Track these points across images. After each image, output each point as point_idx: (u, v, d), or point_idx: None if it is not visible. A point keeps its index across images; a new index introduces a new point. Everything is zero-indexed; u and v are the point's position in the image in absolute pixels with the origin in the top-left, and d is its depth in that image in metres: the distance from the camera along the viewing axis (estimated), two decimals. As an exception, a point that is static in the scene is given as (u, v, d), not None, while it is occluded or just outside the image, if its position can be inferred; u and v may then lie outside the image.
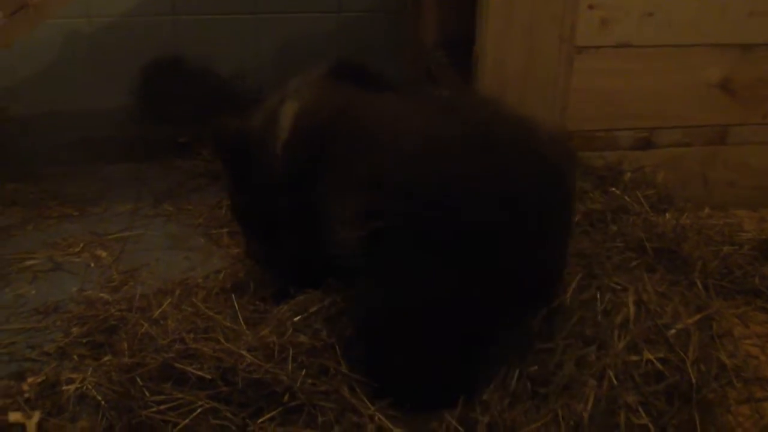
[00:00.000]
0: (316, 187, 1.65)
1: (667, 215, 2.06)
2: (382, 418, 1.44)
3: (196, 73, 3.14)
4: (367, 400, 1.47)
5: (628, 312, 1.60)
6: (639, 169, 2.23)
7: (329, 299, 1.65)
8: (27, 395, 1.62)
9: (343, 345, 1.55)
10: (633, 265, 1.84)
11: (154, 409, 1.43)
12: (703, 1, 2.22)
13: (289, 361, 1.47)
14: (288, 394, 1.42)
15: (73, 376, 1.66)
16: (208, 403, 1.42)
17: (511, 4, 2.15)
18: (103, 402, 1.55)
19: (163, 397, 1.44)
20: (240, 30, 3.30)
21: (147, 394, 1.45)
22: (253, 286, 1.90)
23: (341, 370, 1.50)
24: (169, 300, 1.75)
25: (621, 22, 2.21)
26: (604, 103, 2.26)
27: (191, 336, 1.53)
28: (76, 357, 1.74)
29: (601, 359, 1.50)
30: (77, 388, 1.62)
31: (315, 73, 1.88)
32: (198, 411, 1.41)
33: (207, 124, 2.02)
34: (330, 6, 3.34)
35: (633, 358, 1.51)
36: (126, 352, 1.59)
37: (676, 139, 2.38)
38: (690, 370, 1.50)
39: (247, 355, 1.46)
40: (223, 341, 1.50)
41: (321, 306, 1.64)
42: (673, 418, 1.46)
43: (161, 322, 1.64)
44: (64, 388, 1.63)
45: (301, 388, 1.43)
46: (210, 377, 1.44)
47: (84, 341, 1.79)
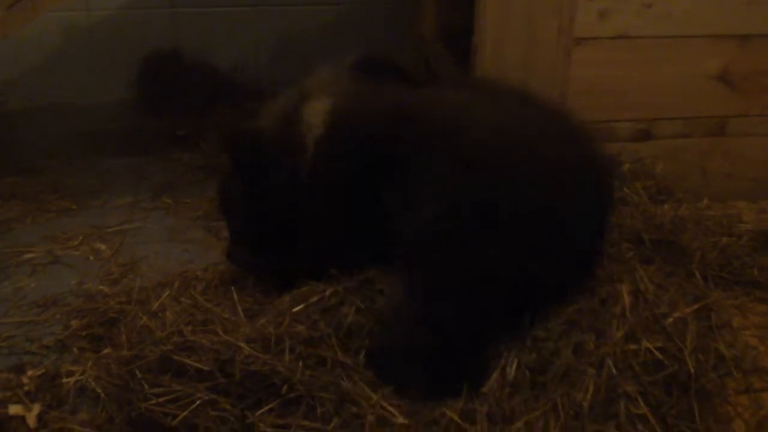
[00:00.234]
0: (373, 180, 1.66)
1: (665, 206, 2.05)
2: (385, 406, 1.45)
3: (195, 65, 3.14)
4: (369, 390, 1.47)
5: (624, 302, 1.60)
6: (638, 161, 2.23)
7: (331, 289, 1.65)
8: (27, 388, 1.62)
9: (343, 335, 1.56)
10: (630, 255, 1.83)
11: (153, 401, 1.43)
12: (702, -9, 2.22)
13: (286, 352, 1.47)
14: (286, 386, 1.42)
15: (73, 368, 1.67)
16: (207, 395, 1.42)
17: (510, -5, 2.15)
18: (102, 394, 1.56)
19: (162, 389, 1.44)
20: (238, 22, 3.29)
21: (146, 386, 1.45)
22: (252, 277, 1.90)
23: (340, 360, 1.50)
24: (167, 292, 1.75)
25: (619, 13, 2.21)
26: (602, 94, 2.26)
27: (189, 328, 1.53)
28: (75, 350, 1.75)
29: (599, 348, 1.50)
30: (77, 381, 1.63)
31: (336, 69, 1.87)
32: (197, 403, 1.41)
33: (212, 121, 2.01)
34: (328, -3, 3.34)
35: (631, 347, 1.51)
36: (125, 345, 1.59)
37: (675, 130, 2.37)
38: (688, 359, 1.50)
39: (245, 347, 1.46)
40: (221, 333, 1.50)
41: (321, 296, 1.63)
42: (672, 408, 1.46)
43: (160, 315, 1.64)
44: (64, 380, 1.63)
45: (300, 379, 1.43)
46: (208, 369, 1.44)
47: (83, 334, 1.79)
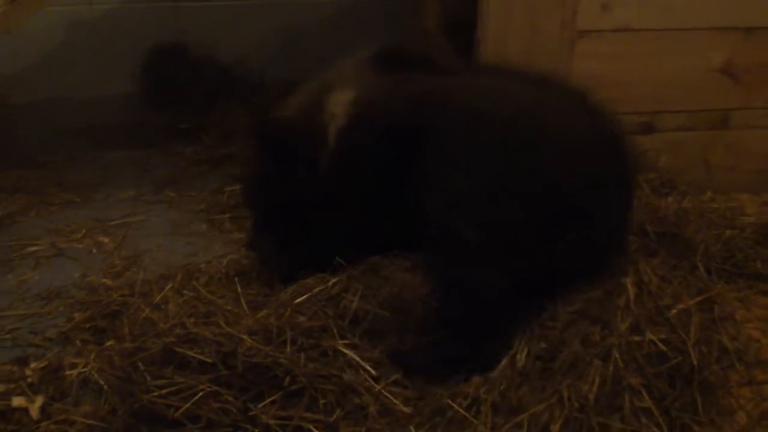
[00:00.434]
0: (394, 169, 1.69)
1: (669, 199, 2.05)
2: (388, 396, 1.45)
3: (198, 59, 3.13)
4: (371, 380, 1.47)
5: (629, 294, 1.60)
6: (641, 154, 2.22)
7: (334, 279, 1.66)
8: (30, 380, 1.63)
9: (347, 323, 1.57)
10: (634, 248, 1.83)
11: (155, 393, 1.43)
12: (705, -17, 2.22)
13: (288, 344, 1.47)
14: (289, 378, 1.43)
15: (76, 361, 1.67)
16: (209, 387, 1.42)
17: (513, -12, 2.15)
18: (105, 386, 1.56)
19: (164, 381, 1.44)
20: (241, 16, 3.29)
21: (149, 378, 1.45)
22: (255, 270, 1.90)
23: (341, 350, 1.50)
24: (170, 285, 1.75)
25: (622, 5, 2.21)
26: (605, 87, 2.22)
27: (192, 320, 1.53)
28: (78, 342, 1.76)
29: (605, 339, 1.50)
30: (80, 373, 1.64)
31: (355, 61, 1.87)
32: (199, 395, 1.41)
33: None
34: (332, -9, 3.34)
35: (635, 339, 1.51)
36: (128, 337, 1.60)
37: (678, 123, 2.37)
38: (691, 351, 1.50)
39: (247, 339, 1.46)
40: (223, 325, 1.50)
41: (325, 287, 1.64)
42: (676, 400, 1.46)
43: (162, 307, 1.64)
44: (67, 372, 1.64)
45: (303, 372, 1.43)
46: (211, 361, 1.44)
47: (86, 326, 1.80)
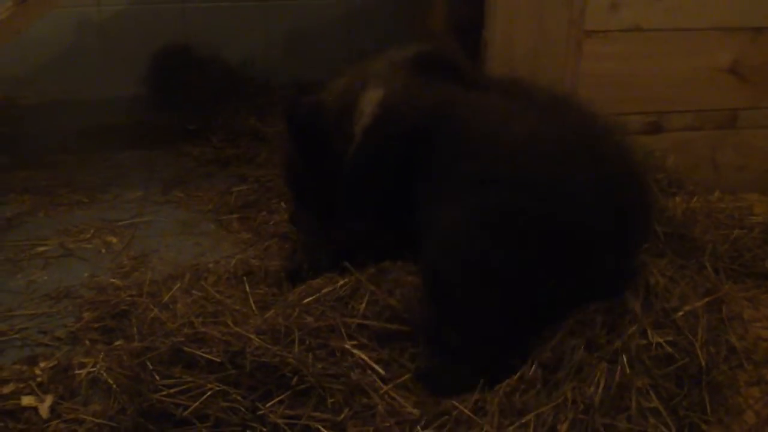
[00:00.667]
0: (404, 176, 1.69)
1: (677, 199, 2.05)
2: (396, 397, 1.45)
3: (205, 60, 3.14)
4: (380, 380, 1.48)
5: (637, 295, 1.60)
6: (649, 153, 2.22)
7: (342, 281, 1.66)
8: (39, 379, 1.64)
9: (356, 324, 1.57)
10: (644, 248, 1.83)
11: (164, 392, 1.44)
12: (713, -16, 2.21)
13: (296, 344, 1.48)
14: (297, 377, 1.43)
15: (85, 360, 1.68)
16: (218, 386, 1.42)
17: (520, -12, 2.15)
18: (114, 386, 1.57)
19: (173, 380, 1.45)
20: (248, 17, 3.30)
21: (157, 377, 1.46)
22: (264, 270, 1.91)
23: (349, 350, 1.50)
24: (178, 285, 1.76)
25: (630, 5, 2.20)
26: (613, 87, 2.25)
27: (200, 320, 1.54)
28: (87, 341, 1.76)
29: (612, 343, 1.50)
30: (89, 372, 1.64)
31: (396, 59, 1.88)
32: (207, 394, 1.42)
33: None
34: (338, -8, 3.35)
35: (642, 342, 1.51)
36: (136, 337, 1.61)
37: (685, 123, 2.37)
38: (699, 352, 1.50)
39: (255, 339, 1.46)
40: (231, 325, 1.51)
41: (334, 287, 1.64)
42: (684, 400, 1.46)
43: (171, 307, 1.65)
44: (76, 372, 1.65)
45: (311, 371, 1.44)
46: (219, 361, 1.44)
47: (95, 326, 1.81)
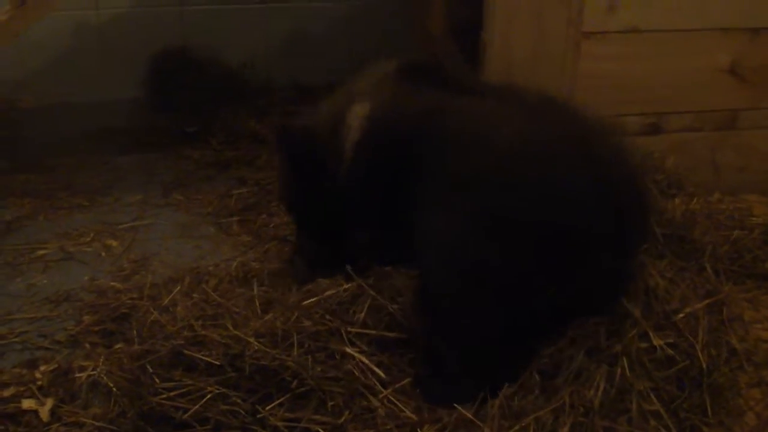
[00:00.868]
0: (398, 186, 1.66)
1: (676, 200, 2.04)
2: (395, 402, 1.45)
3: (204, 63, 3.14)
4: (379, 384, 1.47)
5: (636, 298, 1.60)
6: (648, 155, 2.22)
7: (345, 286, 1.65)
8: (40, 383, 1.64)
9: (357, 329, 1.56)
10: (641, 250, 1.83)
11: (164, 395, 1.43)
12: (712, -16, 2.22)
13: (295, 347, 1.48)
14: (296, 380, 1.43)
15: (85, 363, 1.68)
16: (218, 389, 1.42)
17: (519, -10, 2.15)
18: (114, 389, 1.57)
19: (173, 383, 1.45)
20: (248, 19, 3.30)
21: (157, 380, 1.46)
22: (265, 273, 1.91)
23: (349, 353, 1.50)
24: (178, 288, 1.75)
25: (629, 6, 2.20)
26: (612, 88, 2.25)
27: (200, 323, 1.53)
28: (87, 345, 1.76)
29: (612, 347, 1.50)
30: (89, 376, 1.64)
31: (381, 72, 1.86)
32: (207, 397, 1.41)
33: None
34: (337, -6, 3.35)
35: (642, 344, 1.50)
36: (136, 340, 1.60)
37: (685, 124, 2.37)
38: (700, 354, 1.49)
39: (254, 342, 1.46)
40: (231, 328, 1.50)
41: (336, 291, 1.64)
42: (684, 402, 1.46)
43: (171, 310, 1.64)
44: (77, 375, 1.65)
45: (310, 374, 1.44)
46: (219, 363, 1.44)
47: (95, 329, 1.81)
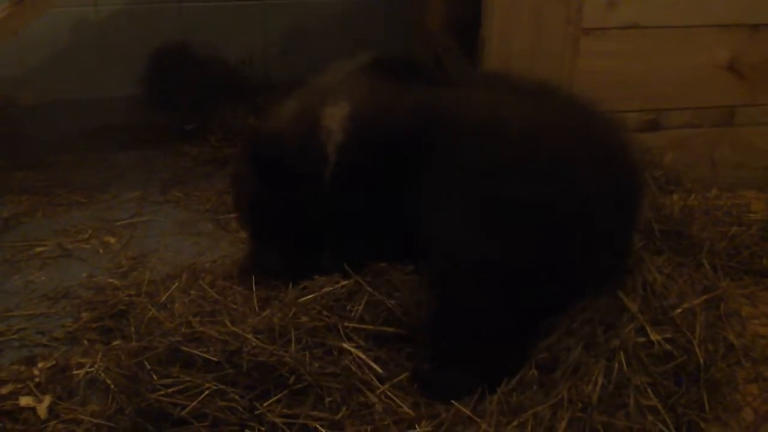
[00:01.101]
0: (390, 184, 1.65)
1: (674, 196, 2.04)
2: (392, 397, 1.45)
3: (203, 59, 3.14)
4: (376, 379, 1.47)
5: (634, 293, 1.60)
6: (647, 151, 2.21)
7: (343, 283, 1.64)
8: (38, 380, 1.64)
9: (353, 324, 1.56)
10: (640, 246, 1.83)
11: (162, 392, 1.44)
12: (710, -19, 2.21)
13: (292, 343, 1.48)
14: (294, 376, 1.43)
15: (83, 360, 1.68)
16: (215, 385, 1.42)
17: (518, -14, 2.15)
18: (112, 386, 1.57)
19: (170, 380, 1.45)
20: (246, 16, 3.29)
21: (155, 377, 1.46)
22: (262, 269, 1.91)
23: (346, 349, 1.50)
24: (176, 285, 1.75)
25: (628, 3, 2.20)
26: (610, 84, 2.25)
27: (198, 319, 1.53)
28: (85, 342, 1.77)
29: (609, 341, 1.50)
30: (87, 372, 1.65)
31: (348, 70, 1.81)
32: (205, 393, 1.42)
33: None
34: (336, -9, 3.34)
35: (640, 339, 1.51)
36: (134, 337, 1.60)
37: (683, 120, 2.37)
38: (697, 349, 1.50)
39: (252, 338, 1.46)
40: (228, 324, 1.50)
41: (333, 288, 1.63)
42: (682, 397, 1.46)
43: (169, 307, 1.64)
44: (75, 372, 1.65)
45: (308, 370, 1.44)
46: (216, 360, 1.44)
47: (93, 326, 1.81)
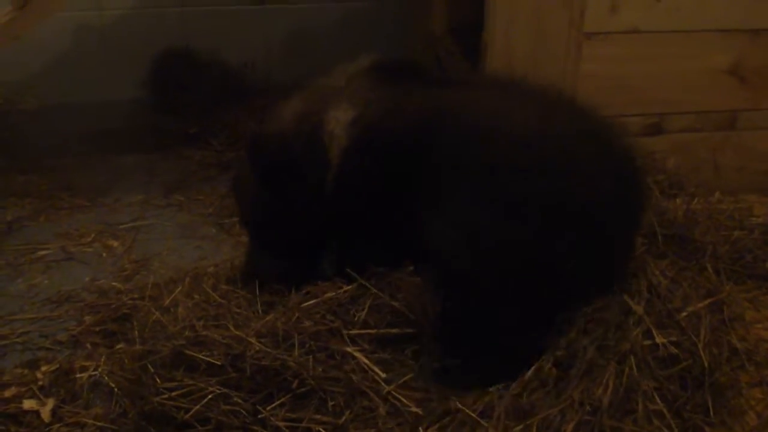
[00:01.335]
0: (397, 189, 1.64)
1: (677, 201, 2.05)
2: (398, 396, 1.45)
3: (206, 64, 3.15)
4: (382, 381, 1.47)
5: (640, 297, 1.60)
6: (649, 155, 2.22)
7: (346, 288, 1.65)
8: (41, 383, 1.64)
9: (357, 329, 1.56)
10: (643, 250, 1.83)
11: (165, 395, 1.44)
12: (712, -15, 2.22)
13: (296, 347, 1.48)
14: (297, 380, 1.43)
15: (87, 364, 1.69)
16: (219, 389, 1.42)
17: (520, -10, 2.15)
18: (116, 389, 1.58)
19: (174, 383, 1.45)
20: (248, 20, 3.30)
21: (158, 381, 1.46)
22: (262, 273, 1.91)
23: (350, 353, 1.50)
24: (180, 288, 1.75)
25: (630, 7, 2.20)
26: (613, 89, 2.25)
27: (201, 323, 1.53)
28: (89, 345, 1.77)
29: (619, 344, 1.50)
30: (90, 376, 1.65)
31: (351, 72, 1.80)
32: (209, 397, 1.42)
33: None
34: (338, -5, 3.35)
35: (647, 342, 1.51)
36: (138, 340, 1.60)
37: (686, 124, 2.37)
38: (702, 353, 1.50)
39: (256, 342, 1.46)
40: (232, 328, 1.50)
41: (336, 293, 1.63)
42: (687, 402, 1.46)
43: (172, 310, 1.64)
44: (78, 375, 1.65)
45: (311, 374, 1.44)
46: (220, 364, 1.44)
47: (97, 329, 1.81)
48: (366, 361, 1.49)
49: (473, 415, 1.43)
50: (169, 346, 1.50)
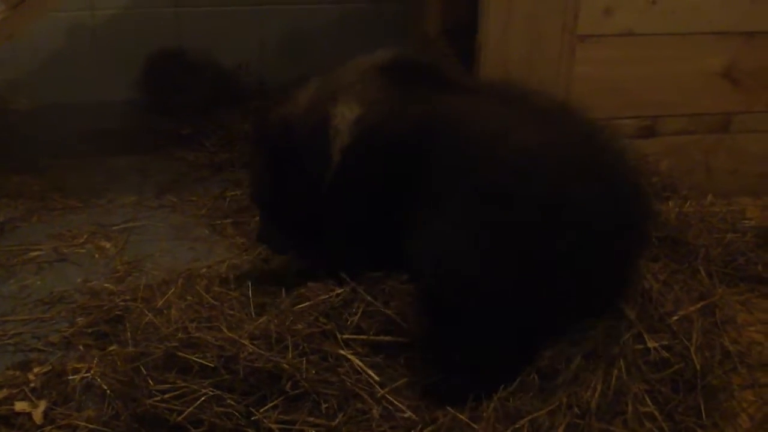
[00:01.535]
0: (391, 192, 1.63)
1: (670, 203, 2.05)
2: (391, 400, 1.45)
3: (199, 64, 3.13)
4: (376, 384, 1.47)
5: (632, 300, 1.60)
6: (642, 158, 2.22)
7: (338, 291, 1.64)
8: (33, 385, 1.63)
9: (350, 332, 1.56)
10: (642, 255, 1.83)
11: (158, 397, 1.43)
12: (706, -12, 2.22)
13: (289, 350, 1.48)
14: (290, 383, 1.43)
15: (79, 365, 1.68)
16: (212, 391, 1.42)
17: (514, -7, 2.15)
18: (108, 391, 1.57)
19: (167, 385, 1.45)
20: (242, 21, 3.29)
21: (151, 383, 1.46)
22: (258, 275, 1.90)
23: (343, 355, 1.50)
24: (172, 290, 1.75)
25: (624, 10, 2.21)
26: (606, 91, 2.26)
27: (194, 325, 1.53)
28: (81, 347, 1.76)
29: (609, 348, 1.50)
30: (83, 378, 1.64)
31: (365, 68, 1.77)
32: (202, 399, 1.42)
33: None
34: (333, -4, 3.35)
35: (638, 346, 1.51)
36: (130, 342, 1.60)
37: (679, 127, 2.37)
38: (694, 356, 1.50)
39: (249, 344, 1.46)
40: (225, 330, 1.50)
41: (329, 295, 1.63)
42: (679, 405, 1.47)
43: (165, 312, 1.64)
44: (70, 377, 1.64)
45: (305, 376, 1.43)
46: (213, 366, 1.44)
47: (89, 331, 1.80)
48: (360, 363, 1.49)
49: (464, 417, 1.43)
50: (161, 347, 1.50)
